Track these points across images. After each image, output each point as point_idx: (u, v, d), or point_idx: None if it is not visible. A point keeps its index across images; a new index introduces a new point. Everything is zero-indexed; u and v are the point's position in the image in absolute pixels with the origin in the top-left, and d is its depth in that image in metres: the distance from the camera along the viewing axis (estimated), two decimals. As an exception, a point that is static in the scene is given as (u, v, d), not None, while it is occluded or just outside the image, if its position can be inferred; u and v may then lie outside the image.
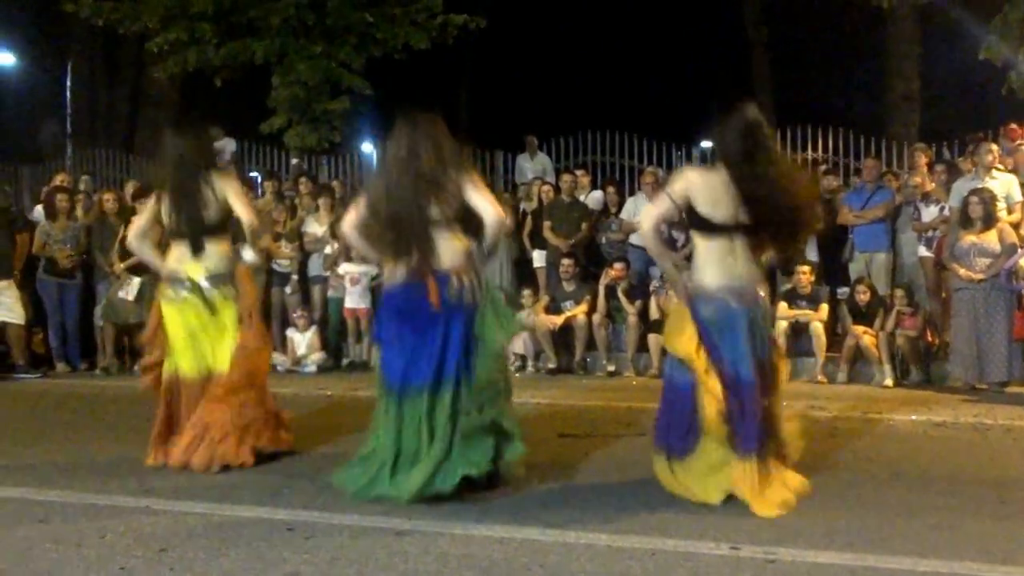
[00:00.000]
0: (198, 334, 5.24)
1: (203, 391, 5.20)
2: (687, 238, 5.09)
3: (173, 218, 5.26)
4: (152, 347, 5.45)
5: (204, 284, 5.22)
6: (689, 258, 4.64)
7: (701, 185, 4.44)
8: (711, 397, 4.35)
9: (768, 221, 4.43)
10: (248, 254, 5.99)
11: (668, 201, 4.49)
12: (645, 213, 4.73)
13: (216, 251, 5.27)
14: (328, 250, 10.64)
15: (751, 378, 4.36)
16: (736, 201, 4.37)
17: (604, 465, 5.31)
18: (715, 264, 4.44)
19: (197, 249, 5.23)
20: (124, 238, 10.28)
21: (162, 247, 5.52)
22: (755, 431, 4.32)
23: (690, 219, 4.48)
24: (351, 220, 4.68)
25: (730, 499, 4.39)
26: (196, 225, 5.23)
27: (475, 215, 4.56)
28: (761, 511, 4.20)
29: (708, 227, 4.42)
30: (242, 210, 5.25)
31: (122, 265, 10.07)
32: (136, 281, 10.04)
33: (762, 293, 4.57)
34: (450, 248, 4.53)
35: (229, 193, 5.22)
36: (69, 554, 3.75)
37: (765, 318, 4.60)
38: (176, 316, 5.26)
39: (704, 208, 4.41)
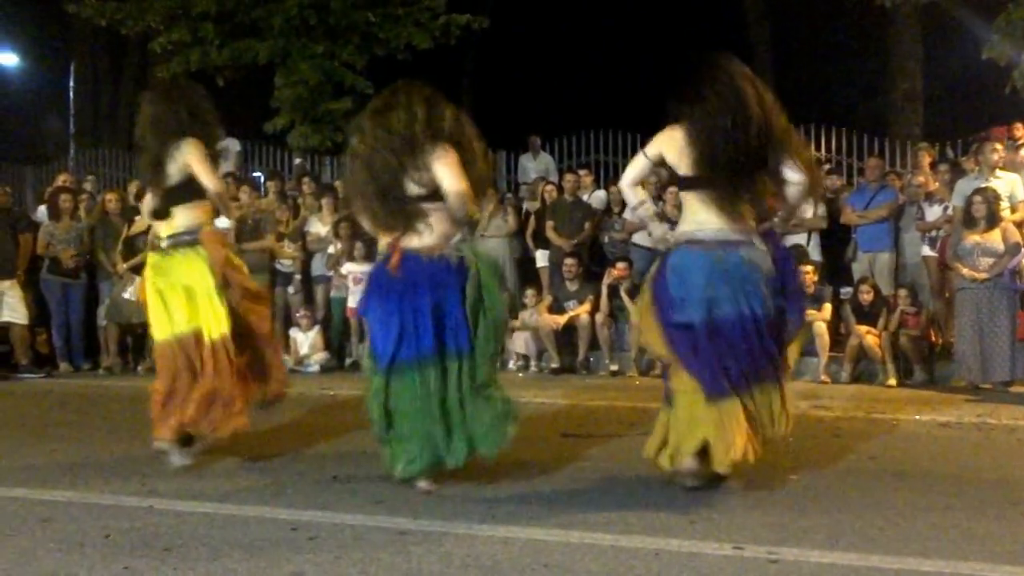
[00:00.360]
0: (167, 293, 5.16)
1: (187, 352, 5.12)
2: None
3: (145, 179, 5.42)
4: None
5: (164, 244, 5.18)
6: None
7: (669, 140, 4.54)
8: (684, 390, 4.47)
9: (721, 170, 4.39)
10: (221, 220, 6.07)
11: (643, 159, 4.66)
12: (624, 177, 4.84)
13: (183, 214, 5.18)
14: (331, 250, 10.65)
15: (707, 322, 4.39)
16: (693, 152, 4.42)
17: (607, 465, 5.30)
18: (688, 217, 4.55)
19: (162, 214, 5.21)
20: (127, 238, 10.32)
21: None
22: (715, 374, 4.36)
23: (669, 176, 4.58)
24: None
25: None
26: (157, 190, 5.22)
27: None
28: (719, 461, 4.32)
29: (677, 181, 4.66)
30: (204, 177, 5.12)
31: (125, 265, 10.09)
32: (139, 280, 10.04)
33: (755, 244, 4.48)
34: (428, 222, 4.50)
35: (190, 160, 5.10)
36: (72, 554, 3.75)
37: (753, 267, 4.46)
38: (150, 278, 5.26)
39: (672, 163, 4.56)
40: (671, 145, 4.53)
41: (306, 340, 10.34)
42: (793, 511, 4.26)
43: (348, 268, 10.33)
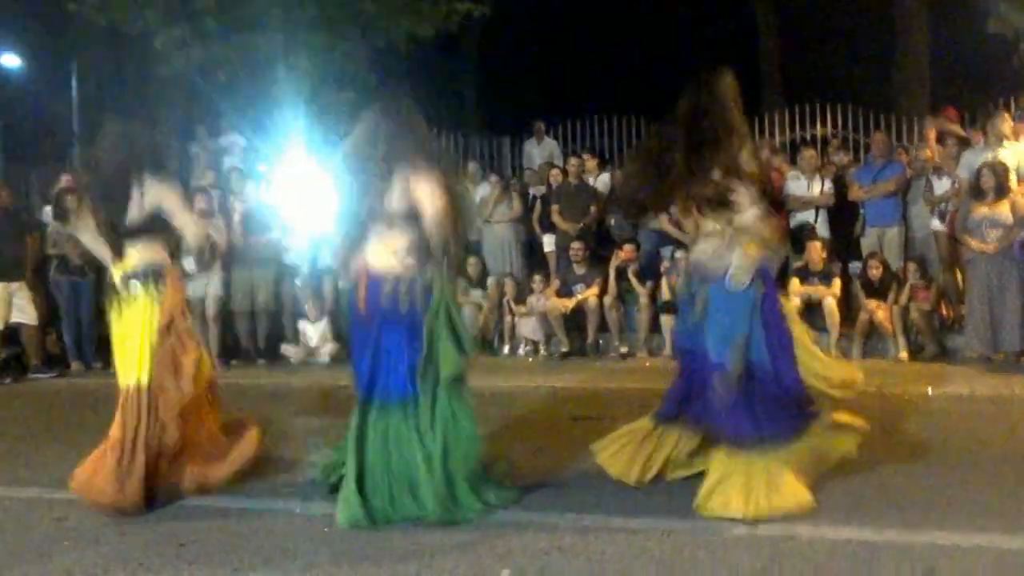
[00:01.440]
0: (128, 337, 4.66)
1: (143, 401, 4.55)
2: None
3: (96, 216, 4.83)
4: None
5: (118, 281, 4.72)
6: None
7: None
8: None
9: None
10: (190, 264, 5.54)
11: None
12: None
13: (137, 254, 4.71)
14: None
15: (704, 357, 4.17)
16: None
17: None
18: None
19: (116, 252, 4.75)
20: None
21: None
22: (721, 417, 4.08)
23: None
24: None
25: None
26: (113, 227, 4.74)
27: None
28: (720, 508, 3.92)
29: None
30: (185, 223, 4.81)
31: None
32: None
33: (729, 270, 4.19)
34: (389, 247, 4.16)
35: (167, 203, 4.74)
36: (88, 552, 3.76)
37: (734, 297, 4.19)
38: (115, 317, 4.74)
39: None
40: None
41: (315, 331, 10.35)
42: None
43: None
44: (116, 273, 4.71)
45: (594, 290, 9.91)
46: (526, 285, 10.39)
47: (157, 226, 4.77)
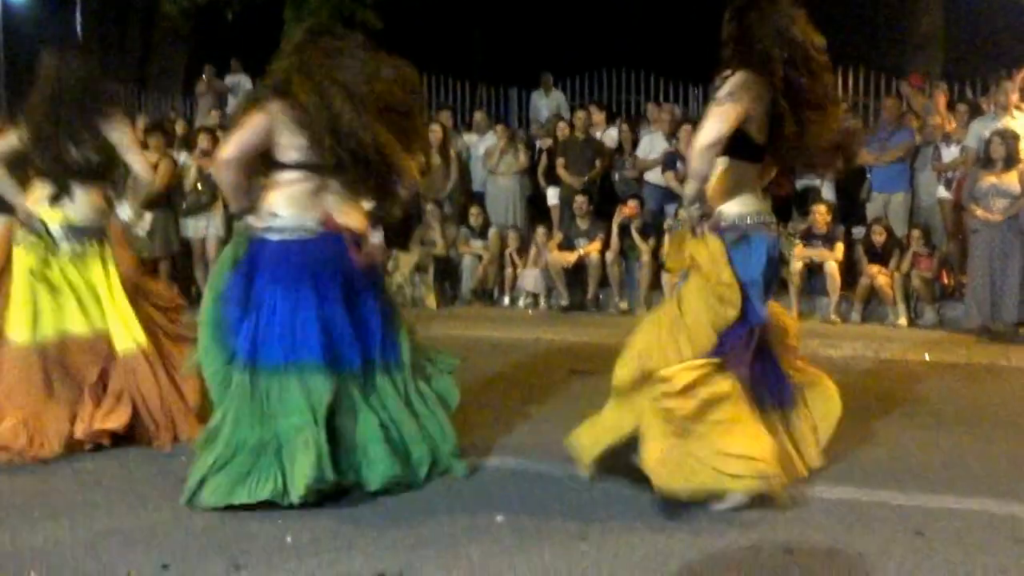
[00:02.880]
0: (42, 290, 4.40)
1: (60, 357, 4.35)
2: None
3: (37, 153, 4.42)
4: None
5: (58, 234, 4.41)
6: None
7: (758, 96, 3.64)
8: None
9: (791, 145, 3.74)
10: (125, 212, 5.27)
11: (734, 111, 3.57)
12: (710, 134, 3.57)
13: (85, 200, 4.47)
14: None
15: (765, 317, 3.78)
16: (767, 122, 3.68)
17: (616, 401, 5.31)
18: (741, 195, 3.75)
19: (60, 194, 4.44)
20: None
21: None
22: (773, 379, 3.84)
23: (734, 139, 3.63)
24: (235, 155, 3.71)
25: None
26: (62, 166, 4.41)
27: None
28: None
29: (752, 152, 3.73)
30: (136, 162, 4.49)
31: (136, 201, 10.09)
32: (148, 217, 10.07)
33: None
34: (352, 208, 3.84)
35: (119, 140, 4.45)
36: (94, 492, 3.79)
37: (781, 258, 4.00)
38: (24, 264, 4.41)
39: (753, 129, 3.68)
40: (757, 101, 3.64)
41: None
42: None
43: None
44: (50, 221, 4.41)
45: (596, 245, 9.90)
46: (529, 237, 10.38)
47: (100, 168, 4.49)
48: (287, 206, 3.71)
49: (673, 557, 3.08)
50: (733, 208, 3.73)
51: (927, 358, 6.97)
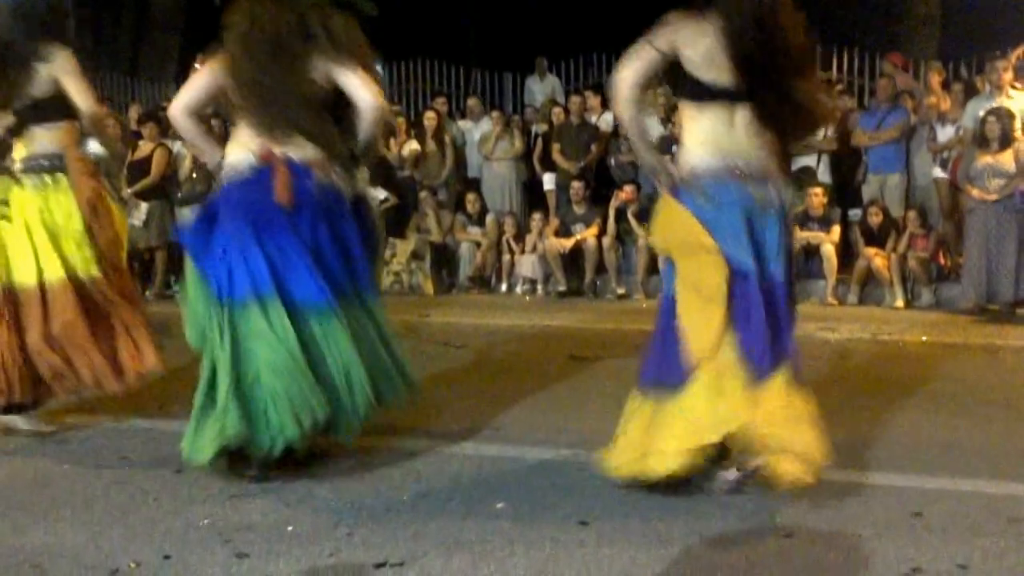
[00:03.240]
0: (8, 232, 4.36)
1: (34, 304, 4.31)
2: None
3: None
4: None
5: (17, 167, 4.37)
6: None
7: (693, 37, 3.35)
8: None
9: (771, 89, 3.37)
10: (94, 146, 5.20)
11: (651, 52, 3.37)
12: (622, 73, 3.41)
13: (45, 136, 4.39)
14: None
15: (757, 275, 3.36)
16: (731, 61, 3.33)
17: (614, 387, 5.29)
18: (707, 140, 3.40)
19: (19, 129, 4.38)
20: (131, 163, 10.27)
21: None
22: (766, 345, 3.36)
23: (677, 82, 3.43)
24: (184, 102, 3.84)
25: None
26: (16, 101, 4.36)
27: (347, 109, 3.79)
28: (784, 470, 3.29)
29: (699, 92, 3.38)
30: (78, 95, 4.37)
31: (129, 190, 10.08)
32: (144, 206, 10.08)
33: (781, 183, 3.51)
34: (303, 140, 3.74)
35: (62, 73, 4.36)
36: (87, 468, 3.80)
37: (786, 212, 3.52)
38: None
39: (695, 68, 3.36)
40: (697, 39, 3.35)
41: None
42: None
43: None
44: (16, 156, 4.37)
45: (593, 230, 9.90)
46: (525, 223, 10.37)
47: (64, 106, 4.39)
48: (231, 150, 3.81)
49: (673, 541, 3.09)
50: (693, 158, 3.42)
51: (924, 339, 6.98)
